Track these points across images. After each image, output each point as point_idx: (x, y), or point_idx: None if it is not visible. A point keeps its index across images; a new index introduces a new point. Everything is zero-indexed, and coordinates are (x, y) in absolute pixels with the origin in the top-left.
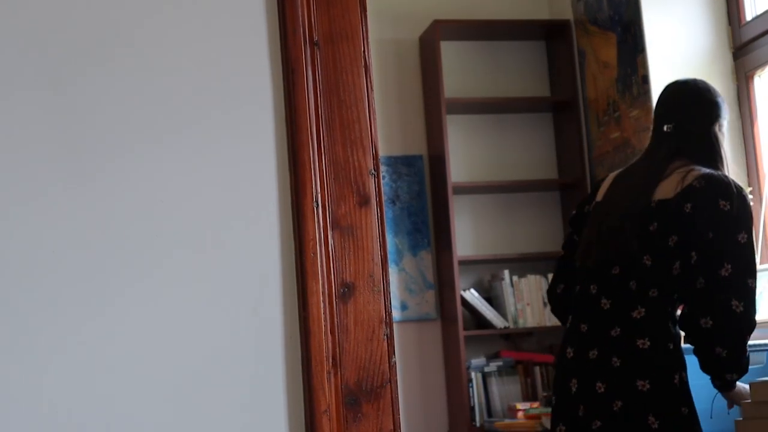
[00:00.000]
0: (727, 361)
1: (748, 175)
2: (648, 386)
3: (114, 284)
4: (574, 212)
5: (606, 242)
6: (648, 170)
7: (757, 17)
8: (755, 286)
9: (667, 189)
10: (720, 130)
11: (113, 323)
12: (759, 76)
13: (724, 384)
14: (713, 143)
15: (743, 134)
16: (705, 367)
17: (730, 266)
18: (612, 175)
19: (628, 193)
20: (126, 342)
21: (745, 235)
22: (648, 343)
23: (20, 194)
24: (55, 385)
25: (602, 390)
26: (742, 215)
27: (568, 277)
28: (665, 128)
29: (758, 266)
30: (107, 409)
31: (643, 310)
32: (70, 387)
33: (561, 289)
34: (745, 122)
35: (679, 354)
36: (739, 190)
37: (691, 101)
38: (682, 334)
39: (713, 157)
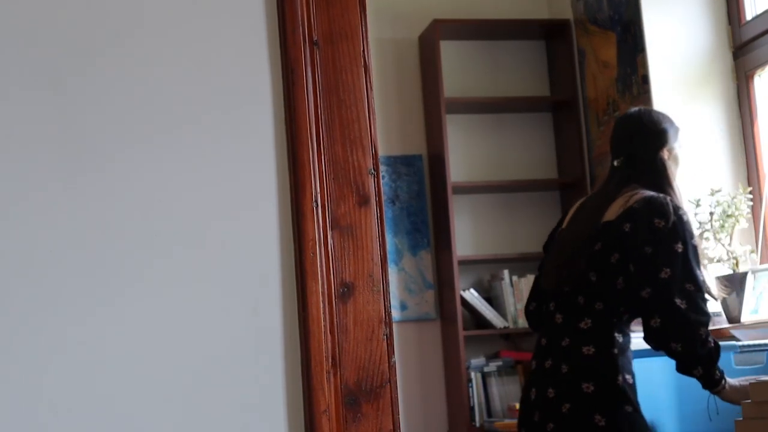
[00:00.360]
0: (684, 356)
1: (748, 175)
2: (592, 388)
3: (113, 284)
4: (547, 239)
5: (561, 265)
6: (601, 197)
7: (757, 17)
8: (696, 290)
9: (612, 212)
10: (670, 154)
11: (112, 324)
12: (759, 75)
13: (707, 383)
14: (659, 168)
15: (743, 134)
16: (677, 367)
17: (668, 270)
18: (578, 203)
19: (582, 219)
20: (125, 342)
21: (681, 246)
22: (592, 350)
23: (19, 193)
24: (54, 385)
25: (552, 395)
26: (678, 229)
27: (539, 296)
28: (615, 163)
29: (758, 266)
30: (106, 410)
31: (590, 321)
32: (69, 387)
33: (533, 307)
34: (745, 122)
35: (624, 359)
36: (676, 209)
37: (635, 133)
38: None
39: (659, 181)
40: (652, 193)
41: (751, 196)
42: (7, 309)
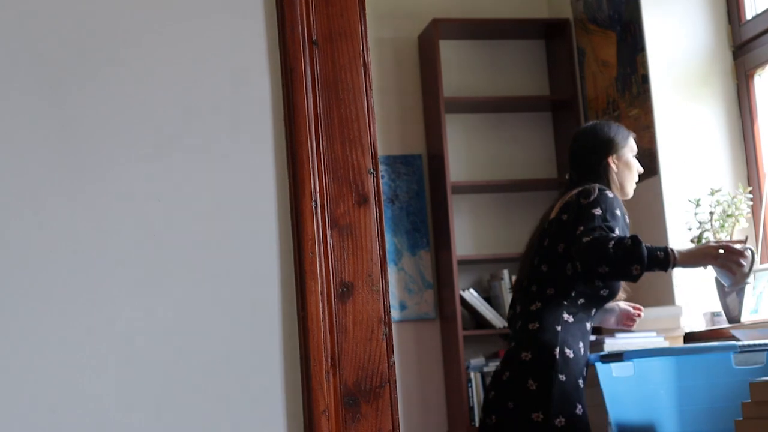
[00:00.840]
0: (614, 266)
1: (748, 175)
2: (529, 356)
3: (112, 284)
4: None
5: (521, 266)
6: (552, 204)
7: (757, 16)
8: (608, 230)
9: (555, 210)
10: (619, 161)
11: (110, 323)
12: (759, 74)
13: (659, 268)
14: (601, 173)
15: (743, 133)
16: (628, 281)
17: (582, 227)
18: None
19: (537, 225)
20: (124, 342)
21: (599, 210)
22: (537, 325)
23: (17, 194)
24: (52, 384)
25: (499, 367)
26: (598, 200)
27: None
28: (567, 176)
29: (758, 266)
30: (103, 410)
31: (540, 303)
32: (66, 386)
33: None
34: (745, 121)
35: (565, 335)
36: (602, 190)
37: (581, 146)
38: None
39: (601, 181)
40: (592, 185)
41: (751, 196)
42: (4, 308)
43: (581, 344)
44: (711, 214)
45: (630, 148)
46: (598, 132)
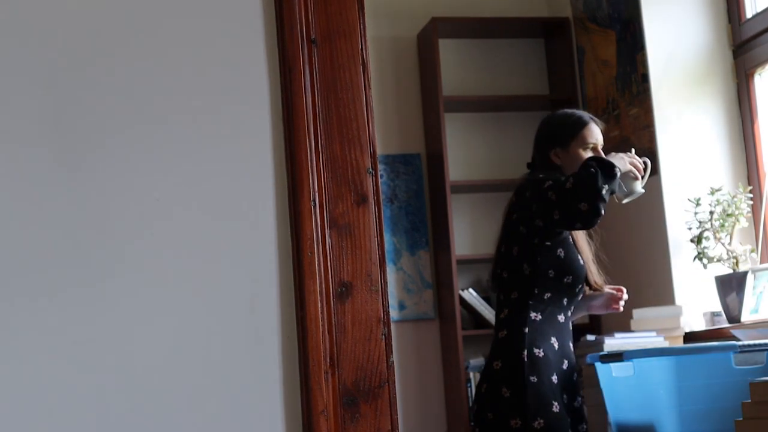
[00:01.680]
0: (591, 201)
1: (749, 174)
2: (500, 365)
3: (109, 283)
4: None
5: (491, 276)
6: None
7: (757, 15)
8: (561, 184)
9: (503, 218)
10: (565, 154)
11: (108, 322)
12: (759, 74)
13: (607, 181)
14: (548, 169)
15: (743, 133)
16: (593, 212)
17: (550, 192)
18: None
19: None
20: (120, 342)
21: (549, 182)
22: (505, 332)
23: (14, 192)
24: (48, 385)
25: (479, 380)
26: (538, 182)
27: None
28: (527, 164)
29: (758, 266)
30: (100, 410)
31: (507, 310)
32: (63, 386)
33: None
34: (745, 120)
35: (533, 334)
36: (530, 178)
37: (535, 137)
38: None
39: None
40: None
41: (751, 195)
42: (1, 307)
43: (553, 339)
44: (711, 213)
45: (581, 140)
46: (542, 125)
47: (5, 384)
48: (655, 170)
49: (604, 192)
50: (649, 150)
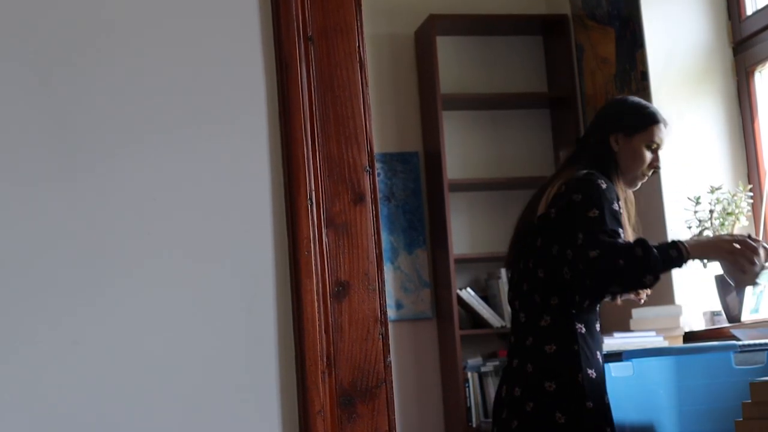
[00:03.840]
0: (628, 283)
1: (749, 173)
2: (554, 386)
3: (106, 283)
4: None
5: (511, 262)
6: (544, 184)
7: (758, 12)
8: (612, 237)
9: (544, 203)
10: (622, 143)
11: (104, 322)
12: (759, 71)
13: (676, 266)
14: (602, 152)
15: (743, 131)
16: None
17: (581, 234)
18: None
19: (526, 209)
20: (117, 341)
21: (597, 211)
22: (554, 348)
23: (10, 191)
24: (44, 384)
25: (518, 393)
26: (592, 197)
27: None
28: (577, 139)
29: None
30: (97, 410)
31: (549, 318)
32: (59, 386)
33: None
34: (745, 118)
35: (586, 353)
36: (592, 181)
37: (599, 111)
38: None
39: (599, 164)
40: (577, 172)
41: (751, 194)
42: None
43: (597, 353)
44: (711, 212)
45: (647, 135)
46: (611, 106)
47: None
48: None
49: (647, 284)
50: None
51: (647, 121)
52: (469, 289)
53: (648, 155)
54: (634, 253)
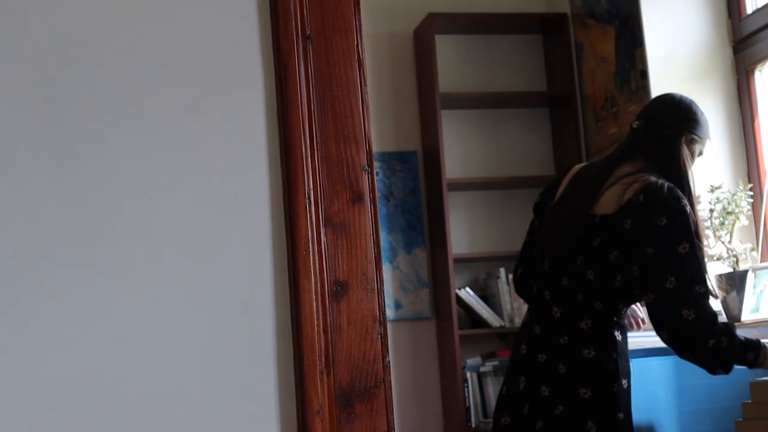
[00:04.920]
0: (701, 364)
1: (749, 172)
2: (589, 393)
3: (102, 282)
4: (538, 198)
5: (555, 254)
6: (597, 174)
7: (758, 10)
8: (705, 291)
9: (609, 202)
10: (689, 144)
11: (101, 321)
12: (759, 70)
13: (746, 365)
14: (673, 148)
15: (743, 130)
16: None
17: (673, 278)
18: (574, 170)
19: (576, 201)
20: (115, 340)
21: (687, 245)
22: (593, 353)
23: (7, 190)
24: (41, 384)
25: (546, 393)
26: (680, 226)
27: (528, 261)
28: (634, 125)
29: (758, 264)
30: (94, 409)
31: (590, 321)
32: (56, 386)
33: (519, 274)
34: (745, 117)
35: (623, 362)
36: (677, 200)
37: (667, 106)
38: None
39: (668, 161)
40: (653, 179)
41: (751, 193)
42: None
43: (631, 364)
44: (711, 211)
45: (702, 144)
46: (687, 106)
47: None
48: None
49: (715, 373)
50: None
51: (705, 133)
52: (468, 289)
53: (693, 163)
54: (720, 342)
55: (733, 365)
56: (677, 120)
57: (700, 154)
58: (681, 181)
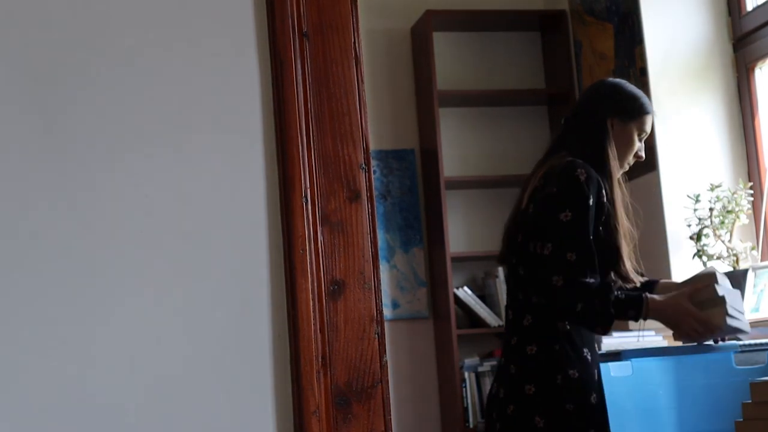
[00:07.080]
0: (577, 324)
1: (749, 170)
2: (533, 389)
3: (99, 282)
4: None
5: (502, 259)
6: (531, 173)
7: (758, 8)
8: (577, 259)
9: (526, 196)
10: (618, 128)
11: (99, 321)
12: (760, 68)
13: (627, 319)
14: (597, 133)
15: (743, 128)
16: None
17: (549, 245)
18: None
19: (516, 203)
20: (112, 340)
21: (570, 214)
22: (535, 349)
23: (4, 192)
24: (39, 384)
25: (502, 395)
26: (567, 195)
27: None
28: (562, 120)
29: (758, 263)
30: (92, 409)
31: (530, 317)
32: (54, 386)
33: None
34: (745, 115)
35: (567, 353)
36: (572, 171)
37: (590, 93)
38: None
39: (591, 146)
40: (556, 162)
41: (751, 192)
42: None
43: (585, 351)
44: (711, 210)
45: (641, 123)
46: (608, 88)
47: None
48: (653, 166)
49: (596, 332)
50: (647, 145)
51: (642, 111)
52: (465, 288)
53: (637, 143)
54: (593, 304)
55: (610, 324)
56: (600, 105)
57: (644, 132)
58: (603, 164)
